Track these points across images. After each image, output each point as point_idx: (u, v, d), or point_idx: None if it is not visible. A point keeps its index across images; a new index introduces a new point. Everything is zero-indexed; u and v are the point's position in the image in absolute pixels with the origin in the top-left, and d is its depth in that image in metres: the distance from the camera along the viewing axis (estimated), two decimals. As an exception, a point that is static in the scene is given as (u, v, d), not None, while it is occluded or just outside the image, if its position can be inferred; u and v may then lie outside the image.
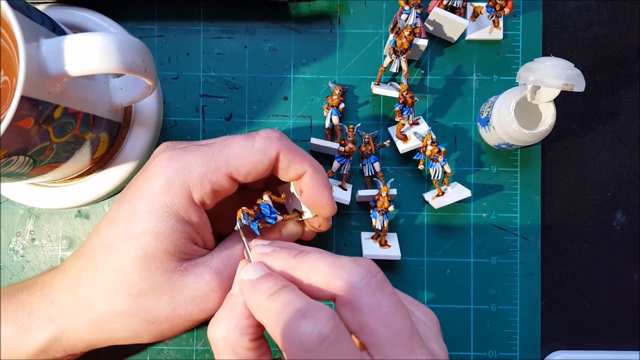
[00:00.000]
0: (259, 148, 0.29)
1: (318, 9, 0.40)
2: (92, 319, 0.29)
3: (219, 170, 0.29)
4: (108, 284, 0.29)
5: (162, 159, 0.29)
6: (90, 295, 0.29)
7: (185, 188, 0.28)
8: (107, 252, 0.29)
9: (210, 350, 0.39)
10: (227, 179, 0.29)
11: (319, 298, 0.26)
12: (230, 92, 0.40)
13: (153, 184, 0.29)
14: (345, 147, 0.37)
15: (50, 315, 0.30)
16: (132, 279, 0.28)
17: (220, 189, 0.29)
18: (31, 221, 0.40)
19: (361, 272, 0.25)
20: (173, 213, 0.28)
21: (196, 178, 0.29)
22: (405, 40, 0.36)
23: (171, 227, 0.28)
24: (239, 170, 0.29)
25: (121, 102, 0.33)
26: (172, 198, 0.28)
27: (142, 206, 0.28)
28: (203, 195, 0.29)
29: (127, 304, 0.29)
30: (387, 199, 0.36)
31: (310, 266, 0.26)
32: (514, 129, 0.35)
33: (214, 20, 0.40)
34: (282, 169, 0.31)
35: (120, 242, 0.29)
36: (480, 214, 0.40)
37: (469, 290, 0.39)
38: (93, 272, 0.29)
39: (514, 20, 0.40)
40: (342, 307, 0.25)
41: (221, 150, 0.29)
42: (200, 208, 0.30)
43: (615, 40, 0.41)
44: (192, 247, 0.30)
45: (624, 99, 0.41)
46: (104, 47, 0.26)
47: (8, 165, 0.26)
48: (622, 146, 0.41)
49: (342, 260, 0.26)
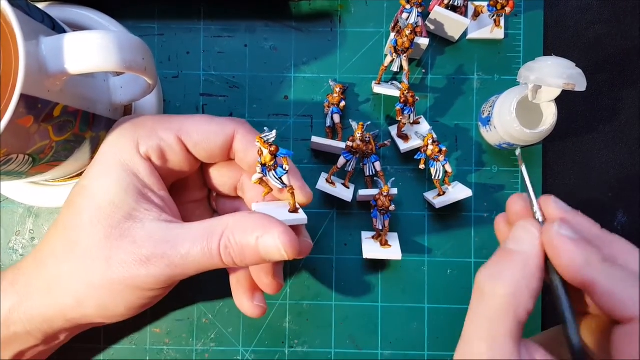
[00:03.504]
0: (217, 121, 0.30)
1: (319, 7, 0.40)
2: (44, 281, 0.29)
3: (169, 129, 0.30)
4: (60, 243, 0.29)
5: (122, 119, 0.31)
6: (46, 256, 0.29)
7: (133, 139, 0.29)
8: (66, 209, 0.29)
9: (210, 350, 0.39)
10: (176, 140, 0.30)
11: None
12: (230, 91, 0.40)
13: (108, 137, 0.30)
14: (354, 143, 0.36)
15: (13, 281, 0.29)
16: (79, 235, 0.28)
17: (169, 149, 0.30)
18: (31, 220, 0.40)
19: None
20: (121, 162, 0.29)
21: (145, 131, 0.29)
22: (406, 39, 0.36)
23: (118, 176, 0.28)
24: (191, 135, 0.30)
25: (121, 100, 0.33)
26: (120, 148, 0.29)
27: (97, 158, 0.29)
28: (149, 149, 0.29)
29: (71, 263, 0.28)
30: (388, 198, 0.36)
31: (620, 249, 0.24)
32: (515, 129, 0.35)
33: (214, 19, 0.40)
34: (240, 151, 0.31)
35: (76, 196, 0.29)
36: (481, 214, 0.40)
37: (469, 291, 0.39)
38: (54, 233, 0.29)
39: (515, 19, 0.40)
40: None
41: (180, 117, 0.31)
42: (149, 162, 0.29)
43: (617, 40, 0.41)
44: (143, 203, 0.28)
45: (625, 99, 0.41)
46: (104, 45, 0.26)
47: (7, 164, 0.26)
48: (623, 146, 0.41)
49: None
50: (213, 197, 0.36)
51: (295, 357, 0.39)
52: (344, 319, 0.39)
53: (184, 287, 0.36)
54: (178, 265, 0.27)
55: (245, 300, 0.33)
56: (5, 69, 0.24)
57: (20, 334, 0.30)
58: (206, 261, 0.27)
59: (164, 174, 0.31)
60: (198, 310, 0.39)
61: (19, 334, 0.30)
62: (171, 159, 0.30)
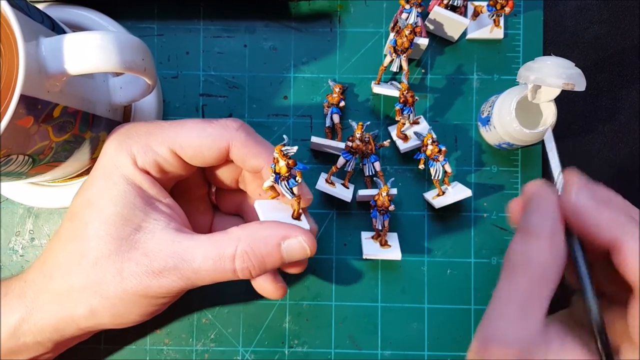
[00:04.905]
0: (210, 133, 0.30)
1: (318, 7, 0.40)
2: (54, 294, 0.29)
3: (163, 144, 0.29)
4: (68, 256, 0.29)
5: (116, 129, 0.30)
6: (52, 268, 0.29)
7: (130, 155, 0.29)
8: (70, 222, 0.29)
9: (210, 350, 0.39)
10: (171, 154, 0.30)
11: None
12: (230, 92, 0.40)
13: (106, 150, 0.30)
14: (353, 142, 0.36)
15: (20, 294, 0.29)
16: (87, 247, 0.28)
17: (165, 163, 0.30)
18: (31, 221, 0.40)
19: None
20: (123, 176, 0.29)
21: (140, 145, 0.29)
22: (405, 39, 0.36)
23: (124, 189, 0.28)
24: (184, 150, 0.29)
25: (121, 101, 0.33)
26: (121, 161, 0.29)
27: (98, 171, 0.29)
28: (146, 164, 0.29)
29: (81, 275, 0.28)
30: (387, 198, 0.36)
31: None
32: (515, 129, 0.35)
33: (213, 19, 0.40)
34: (237, 160, 0.31)
35: (80, 209, 0.29)
36: (481, 214, 0.40)
37: (469, 291, 0.39)
38: (57, 244, 0.29)
39: (515, 19, 0.40)
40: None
41: (173, 126, 0.30)
42: (148, 175, 0.30)
43: (616, 40, 0.41)
44: (151, 214, 0.29)
45: (625, 99, 0.41)
46: (103, 45, 0.26)
47: (7, 165, 0.26)
48: (623, 146, 0.41)
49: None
50: (212, 191, 0.37)
51: (295, 357, 0.39)
52: (344, 319, 0.39)
53: (184, 288, 0.36)
54: (190, 278, 0.28)
55: (268, 283, 0.33)
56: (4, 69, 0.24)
57: (30, 344, 0.30)
58: (219, 275, 0.28)
59: (164, 182, 0.31)
60: (198, 311, 0.39)
61: (29, 344, 0.30)
62: (169, 170, 0.31)
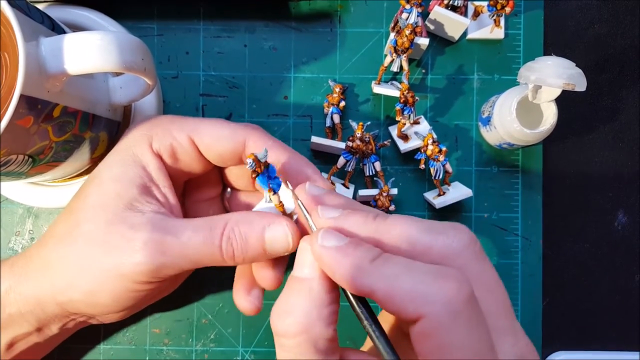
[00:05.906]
0: (230, 127, 0.30)
1: (318, 7, 0.40)
2: (41, 262, 0.29)
3: (183, 130, 0.30)
4: (63, 225, 0.29)
5: (142, 118, 0.32)
6: (47, 236, 0.30)
7: (148, 136, 0.30)
8: (76, 194, 0.30)
9: (210, 350, 0.39)
10: (188, 140, 0.30)
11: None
12: (230, 92, 0.40)
13: (129, 131, 0.31)
14: (354, 142, 0.36)
15: (12, 263, 0.30)
16: (82, 217, 0.28)
17: (180, 148, 0.30)
18: (30, 220, 0.40)
19: (464, 239, 0.22)
20: (133, 154, 0.29)
21: (160, 129, 0.30)
22: (406, 39, 0.36)
23: (126, 167, 0.29)
24: (202, 137, 0.30)
25: (120, 101, 0.33)
26: (137, 140, 0.30)
27: (113, 149, 0.31)
28: (161, 147, 0.30)
29: (68, 245, 0.28)
30: (387, 198, 0.36)
31: (399, 232, 0.22)
32: (516, 129, 0.35)
33: (213, 19, 0.40)
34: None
35: (86, 182, 0.30)
36: (481, 214, 0.40)
37: (469, 291, 0.39)
38: (60, 216, 0.30)
39: (515, 19, 0.40)
40: None
41: (195, 119, 0.31)
42: (159, 159, 0.30)
43: (617, 40, 0.41)
44: (145, 196, 0.29)
45: (625, 99, 0.41)
46: (103, 45, 0.26)
47: (7, 165, 0.26)
48: (624, 146, 0.41)
49: (437, 225, 0.23)
50: (226, 196, 0.36)
51: (295, 358, 0.39)
52: (344, 319, 0.39)
53: (184, 287, 0.36)
54: (174, 254, 0.27)
55: (240, 294, 0.32)
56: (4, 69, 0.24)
57: (14, 317, 0.30)
58: (206, 251, 0.27)
59: (174, 173, 0.31)
60: (198, 311, 0.39)
61: (14, 317, 0.30)
62: (182, 159, 0.31)
